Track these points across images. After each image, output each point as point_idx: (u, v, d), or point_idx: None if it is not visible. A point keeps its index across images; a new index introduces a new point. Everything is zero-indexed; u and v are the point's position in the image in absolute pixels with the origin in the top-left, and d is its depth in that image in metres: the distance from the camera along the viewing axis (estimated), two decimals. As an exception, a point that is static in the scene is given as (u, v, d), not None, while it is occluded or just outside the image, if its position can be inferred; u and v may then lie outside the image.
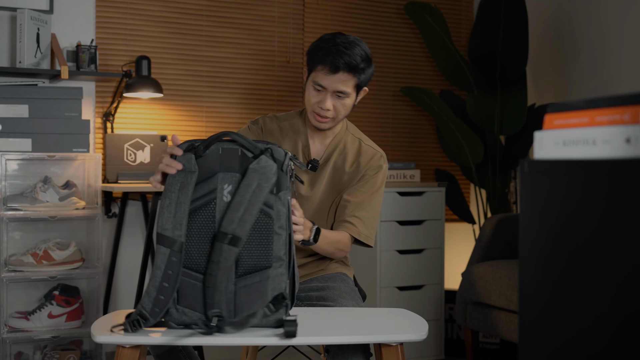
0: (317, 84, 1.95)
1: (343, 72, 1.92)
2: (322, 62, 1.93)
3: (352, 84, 1.95)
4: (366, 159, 2.06)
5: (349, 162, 2.07)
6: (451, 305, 3.64)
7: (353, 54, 1.92)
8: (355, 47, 1.93)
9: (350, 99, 1.98)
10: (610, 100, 0.91)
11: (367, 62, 1.96)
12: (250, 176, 1.52)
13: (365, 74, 1.97)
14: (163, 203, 1.50)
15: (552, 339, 0.95)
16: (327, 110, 1.96)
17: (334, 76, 1.93)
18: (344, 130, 2.10)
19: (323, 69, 1.93)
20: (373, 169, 2.05)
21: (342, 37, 1.95)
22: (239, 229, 1.49)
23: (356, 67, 1.92)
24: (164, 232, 1.49)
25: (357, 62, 1.92)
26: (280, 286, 1.55)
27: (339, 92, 1.95)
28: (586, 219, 0.90)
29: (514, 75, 3.66)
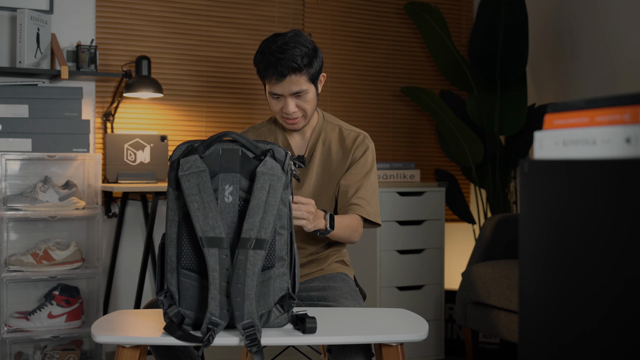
0: (273, 93, 1.99)
1: (289, 75, 1.94)
2: (267, 75, 1.96)
3: (304, 80, 1.97)
4: (350, 142, 2.09)
5: (334, 151, 2.09)
6: (451, 305, 3.64)
7: (292, 56, 1.93)
8: (291, 48, 1.94)
9: (310, 93, 2.00)
10: (610, 100, 0.91)
11: (309, 55, 1.96)
12: (261, 179, 1.52)
13: (314, 66, 1.98)
14: (192, 208, 1.49)
15: (552, 339, 0.95)
16: (293, 112, 1.99)
17: (283, 82, 1.95)
18: (322, 121, 2.13)
19: (271, 80, 1.96)
20: (360, 150, 2.08)
21: (278, 41, 1.95)
22: (263, 231, 1.49)
23: (299, 67, 1.94)
24: (206, 235, 1.48)
25: (298, 62, 1.93)
26: (283, 286, 1.56)
27: (295, 93, 1.97)
28: (586, 219, 0.90)
29: (514, 75, 3.66)
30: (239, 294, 1.46)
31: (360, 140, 2.09)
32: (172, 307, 1.54)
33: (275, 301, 1.55)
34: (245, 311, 1.47)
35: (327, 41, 3.83)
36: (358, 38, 3.89)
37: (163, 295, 1.54)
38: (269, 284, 1.54)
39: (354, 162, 2.08)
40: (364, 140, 2.09)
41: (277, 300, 1.55)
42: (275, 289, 1.55)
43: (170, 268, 1.55)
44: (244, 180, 1.55)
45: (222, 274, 1.47)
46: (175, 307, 1.54)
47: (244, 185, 1.55)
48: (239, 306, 1.46)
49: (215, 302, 1.46)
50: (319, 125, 2.11)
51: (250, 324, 1.46)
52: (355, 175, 2.07)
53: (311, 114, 2.04)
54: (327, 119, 2.14)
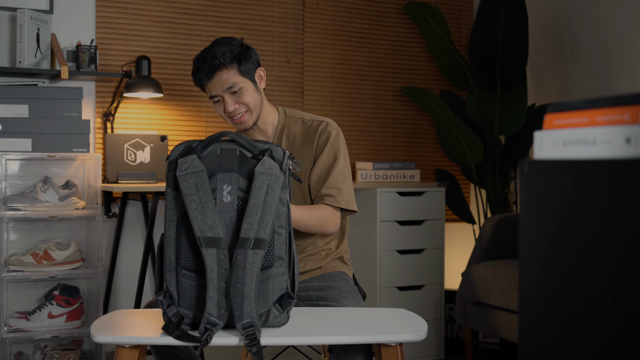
0: (211, 96, 2.04)
1: (216, 72, 1.99)
2: (199, 80, 2.03)
3: (233, 74, 2.01)
4: (313, 132, 2.09)
5: (300, 143, 2.09)
6: (451, 305, 3.64)
7: (213, 55, 2.00)
8: (214, 49, 2.01)
9: (247, 88, 2.02)
10: (610, 100, 0.91)
11: (233, 51, 2.01)
12: (259, 179, 1.52)
13: (243, 62, 2.01)
14: (190, 209, 1.49)
15: (552, 339, 0.95)
16: (235, 110, 2.02)
17: (213, 81, 2.01)
18: (283, 116, 2.13)
19: (204, 83, 2.03)
20: (323, 138, 2.08)
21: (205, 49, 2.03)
22: (261, 231, 1.49)
23: (221, 63, 1.99)
24: (204, 235, 1.48)
25: (219, 59, 1.99)
26: (282, 285, 1.56)
27: (228, 88, 2.00)
28: (586, 219, 0.90)
29: (514, 75, 3.66)
30: (239, 293, 1.46)
31: (322, 129, 2.08)
32: (171, 307, 1.54)
33: (274, 300, 1.55)
34: (244, 311, 1.47)
35: (327, 41, 3.83)
36: (358, 38, 3.89)
37: (162, 295, 1.54)
38: (267, 283, 1.54)
39: (319, 152, 2.07)
40: (327, 128, 2.08)
41: (276, 300, 1.55)
42: (274, 289, 1.55)
43: (169, 268, 1.55)
44: (242, 180, 1.55)
45: (220, 274, 1.47)
46: (175, 307, 1.54)
47: (242, 185, 1.54)
48: (239, 306, 1.46)
49: (213, 302, 1.47)
50: (280, 122, 2.12)
51: (250, 324, 1.47)
52: (322, 166, 2.06)
53: (256, 109, 2.05)
54: (288, 114, 2.15)
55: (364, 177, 3.52)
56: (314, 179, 2.06)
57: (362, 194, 3.42)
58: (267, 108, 2.11)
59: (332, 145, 2.07)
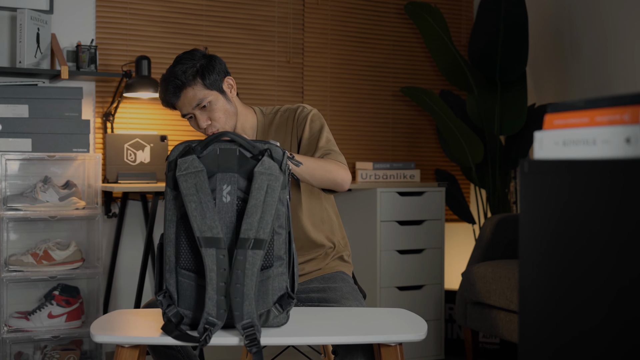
0: (183, 115, 2.03)
1: (182, 92, 1.98)
2: (167, 101, 2.02)
3: (199, 90, 1.99)
4: (291, 119, 2.09)
5: (282, 135, 2.09)
6: (451, 305, 3.64)
7: (175, 76, 1.98)
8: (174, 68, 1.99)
9: (216, 101, 2.01)
10: (610, 100, 0.91)
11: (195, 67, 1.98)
12: (259, 179, 1.52)
13: (206, 76, 1.99)
14: (189, 209, 1.49)
15: (552, 339, 0.95)
16: (209, 125, 2.02)
17: (180, 101, 2.00)
18: (261, 116, 2.13)
19: (173, 103, 2.02)
20: (301, 118, 2.07)
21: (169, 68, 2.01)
22: (261, 231, 1.49)
23: (184, 82, 1.97)
24: (203, 235, 1.48)
25: (181, 79, 1.97)
26: (281, 285, 1.56)
27: (197, 106, 1.99)
28: (586, 219, 0.90)
29: (514, 75, 3.66)
30: (238, 294, 1.46)
31: (299, 111, 2.08)
32: (171, 307, 1.54)
33: (274, 300, 1.55)
34: (244, 311, 1.47)
35: (327, 41, 3.83)
36: (358, 38, 3.89)
37: (162, 295, 1.54)
38: (267, 283, 1.54)
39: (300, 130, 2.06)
40: (303, 110, 2.08)
41: (276, 300, 1.55)
42: (274, 289, 1.55)
43: (168, 268, 1.55)
44: (241, 180, 1.55)
45: (219, 274, 1.47)
46: (174, 307, 1.54)
47: (241, 185, 1.54)
48: (238, 306, 1.46)
49: (212, 302, 1.46)
50: (259, 123, 2.12)
51: (250, 324, 1.46)
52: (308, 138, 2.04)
53: (228, 122, 2.03)
54: (265, 112, 2.15)
55: (364, 177, 3.52)
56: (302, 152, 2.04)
57: (362, 194, 3.42)
58: (244, 113, 2.10)
59: (312, 120, 2.06)
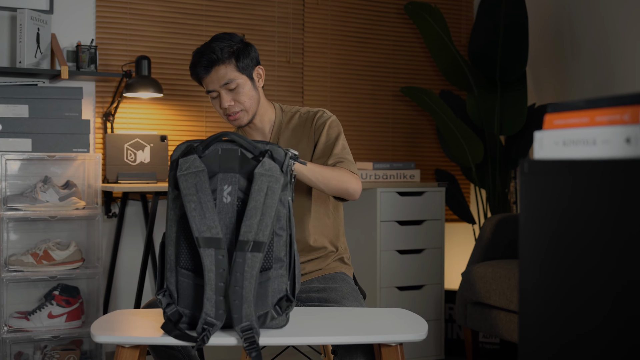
0: (208, 91, 2.04)
1: (214, 67, 1.99)
2: (197, 74, 2.02)
3: (231, 70, 2.00)
4: (309, 122, 2.10)
5: (298, 136, 2.09)
6: (451, 305, 3.64)
7: (211, 49, 1.99)
8: (212, 43, 2.01)
9: (245, 85, 2.02)
10: (610, 100, 0.91)
11: (232, 47, 2.01)
12: (259, 180, 1.51)
13: (241, 58, 2.01)
14: (189, 209, 1.49)
15: (552, 339, 0.95)
16: (230, 106, 2.02)
17: (210, 75, 2.00)
18: (280, 113, 2.14)
19: (201, 78, 2.02)
20: (320, 123, 2.08)
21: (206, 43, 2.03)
22: (260, 234, 1.48)
23: (219, 58, 1.99)
24: (202, 235, 1.47)
25: (217, 53, 1.99)
26: (281, 288, 1.55)
27: (225, 84, 2.00)
28: (586, 219, 0.90)
29: (514, 75, 3.66)
30: (237, 296, 1.46)
31: (319, 116, 2.10)
32: (171, 306, 1.54)
33: (273, 303, 1.55)
34: (243, 314, 1.46)
35: (327, 41, 3.83)
36: (358, 38, 3.89)
37: (162, 294, 1.54)
38: (266, 285, 1.53)
39: (317, 135, 2.07)
40: (322, 115, 2.10)
41: (276, 302, 1.55)
42: (273, 291, 1.54)
43: (169, 267, 1.55)
44: (242, 180, 1.54)
45: (218, 274, 1.47)
46: (174, 306, 1.53)
47: (242, 186, 1.54)
48: (237, 309, 1.46)
49: (211, 302, 1.46)
50: (277, 119, 2.13)
51: (249, 327, 1.46)
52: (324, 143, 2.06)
53: (252, 108, 2.05)
54: (285, 110, 2.15)
55: (364, 177, 3.51)
56: (318, 150, 2.05)
57: (362, 194, 3.42)
58: (265, 105, 2.11)
59: (330, 126, 2.08)
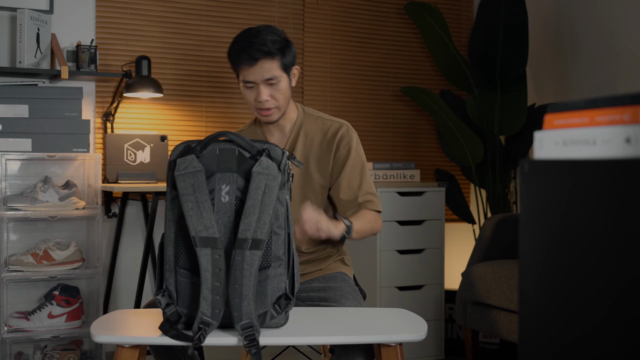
0: (246, 81, 1.99)
1: (261, 60, 1.96)
2: (240, 60, 1.97)
3: (276, 66, 1.98)
4: (333, 134, 2.08)
5: (317, 142, 2.08)
6: (451, 305, 3.64)
7: (263, 40, 1.96)
8: (263, 34, 1.97)
9: (283, 82, 2.00)
10: (610, 100, 0.90)
11: (281, 42, 1.99)
12: (256, 179, 1.52)
13: (286, 55, 1.99)
14: (186, 208, 1.49)
15: (552, 339, 0.95)
16: (266, 102, 1.99)
17: (254, 67, 1.96)
18: (302, 114, 2.12)
19: (244, 66, 1.97)
20: (345, 143, 2.07)
21: (251, 30, 1.99)
22: (259, 231, 1.48)
23: (270, 51, 1.96)
24: (199, 234, 1.47)
25: (269, 46, 1.95)
26: (280, 286, 1.56)
27: (267, 79, 1.97)
28: (586, 219, 0.90)
29: (514, 75, 3.66)
30: (237, 294, 1.46)
31: (344, 133, 2.08)
32: (170, 306, 1.54)
33: (272, 301, 1.55)
34: (243, 312, 1.46)
35: (327, 41, 3.83)
36: (358, 38, 3.89)
37: (161, 295, 1.54)
38: (265, 284, 1.53)
39: (341, 157, 2.06)
40: (348, 132, 2.08)
41: (275, 301, 1.55)
42: (272, 289, 1.54)
43: (168, 267, 1.55)
44: (240, 179, 1.55)
45: (214, 274, 1.47)
46: (174, 306, 1.54)
47: (240, 185, 1.54)
48: (237, 307, 1.46)
49: (207, 302, 1.46)
50: (299, 119, 2.11)
51: (249, 325, 1.46)
52: (352, 173, 2.06)
53: (284, 105, 2.04)
54: (307, 112, 2.14)
55: (364, 177, 3.51)
56: (344, 184, 2.05)
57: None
58: (291, 104, 2.11)
59: (356, 151, 2.08)
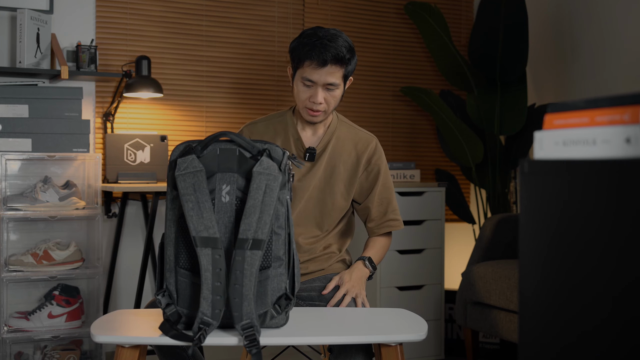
0: (307, 79, 1.98)
1: (331, 65, 1.96)
2: (309, 58, 1.96)
3: (339, 75, 1.99)
4: (363, 146, 2.11)
5: (347, 150, 2.10)
6: (451, 305, 3.64)
7: (338, 46, 1.96)
8: (338, 39, 1.97)
9: (339, 90, 2.02)
10: (610, 100, 0.90)
11: (352, 52, 2.01)
12: (257, 179, 1.52)
13: (351, 64, 2.01)
14: (186, 208, 1.49)
15: (552, 339, 0.95)
16: (320, 104, 2.00)
17: (322, 69, 1.96)
18: (336, 120, 2.14)
19: (311, 64, 1.96)
20: (375, 159, 2.12)
21: (324, 31, 1.99)
22: (259, 231, 1.48)
23: (343, 58, 1.96)
24: (200, 234, 1.47)
25: (344, 54, 1.96)
26: (280, 286, 1.55)
27: (328, 84, 1.98)
28: (586, 219, 0.90)
29: (514, 75, 3.66)
30: (237, 294, 1.46)
31: (373, 146, 2.12)
32: (170, 306, 1.54)
33: (272, 301, 1.55)
34: (243, 312, 1.46)
35: (327, 41, 3.82)
36: (358, 38, 3.89)
37: (161, 295, 1.54)
38: (266, 284, 1.53)
39: (372, 171, 2.11)
40: (377, 146, 2.13)
41: (275, 301, 1.55)
42: (272, 289, 1.54)
43: (169, 267, 1.55)
44: (241, 179, 1.55)
45: (214, 274, 1.47)
46: (174, 306, 1.54)
47: (241, 185, 1.54)
48: (238, 307, 1.46)
49: (207, 302, 1.46)
50: (333, 124, 2.12)
51: (249, 325, 1.46)
52: (386, 191, 2.12)
53: (332, 110, 2.06)
54: (340, 118, 2.16)
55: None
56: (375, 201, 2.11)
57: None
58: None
59: (385, 168, 2.13)
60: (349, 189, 2.10)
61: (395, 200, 2.15)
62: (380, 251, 2.12)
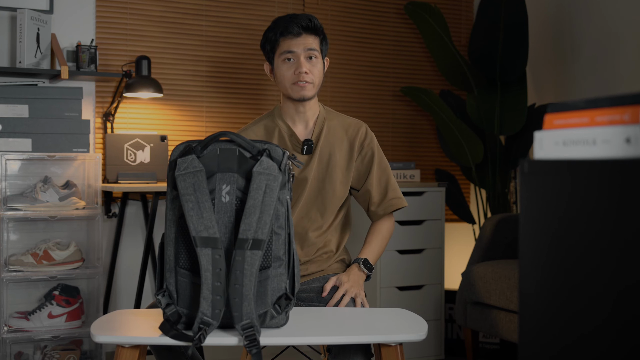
0: (287, 51, 2.05)
1: (305, 34, 2.04)
2: (283, 34, 2.05)
3: (317, 43, 2.07)
4: (354, 131, 2.14)
5: (339, 137, 2.12)
6: (451, 305, 3.64)
7: (309, 17, 2.06)
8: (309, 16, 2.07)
9: (319, 63, 2.08)
10: (610, 100, 0.90)
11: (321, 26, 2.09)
12: (257, 179, 1.52)
13: (324, 40, 2.10)
14: (186, 208, 1.49)
15: (552, 339, 0.95)
16: (306, 74, 2.04)
17: (298, 39, 2.04)
18: (324, 111, 2.17)
19: (286, 38, 2.05)
20: (367, 143, 2.14)
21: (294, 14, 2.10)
22: (260, 231, 1.48)
23: (315, 27, 2.05)
24: (200, 234, 1.48)
25: (315, 22, 2.06)
26: (280, 286, 1.56)
27: (309, 50, 2.04)
28: (586, 219, 0.90)
29: (514, 75, 3.66)
30: (237, 294, 1.46)
31: (364, 131, 2.15)
32: (170, 306, 1.54)
33: (272, 301, 1.55)
34: (243, 312, 1.46)
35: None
36: (358, 38, 3.89)
37: (161, 295, 1.54)
38: (266, 284, 1.53)
39: (366, 156, 2.12)
40: (367, 131, 2.16)
41: (275, 301, 1.55)
42: (272, 289, 1.54)
43: (169, 267, 1.55)
44: (241, 179, 1.55)
45: (214, 274, 1.47)
46: (174, 306, 1.54)
47: (241, 185, 1.54)
48: (238, 307, 1.46)
49: (207, 302, 1.46)
50: (321, 114, 2.15)
51: (249, 325, 1.46)
52: (382, 172, 2.14)
53: (318, 86, 2.09)
54: (326, 109, 2.19)
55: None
56: (374, 183, 2.12)
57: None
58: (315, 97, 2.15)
59: (379, 149, 2.15)
60: (347, 175, 2.11)
61: (393, 179, 2.16)
62: (381, 243, 2.13)
